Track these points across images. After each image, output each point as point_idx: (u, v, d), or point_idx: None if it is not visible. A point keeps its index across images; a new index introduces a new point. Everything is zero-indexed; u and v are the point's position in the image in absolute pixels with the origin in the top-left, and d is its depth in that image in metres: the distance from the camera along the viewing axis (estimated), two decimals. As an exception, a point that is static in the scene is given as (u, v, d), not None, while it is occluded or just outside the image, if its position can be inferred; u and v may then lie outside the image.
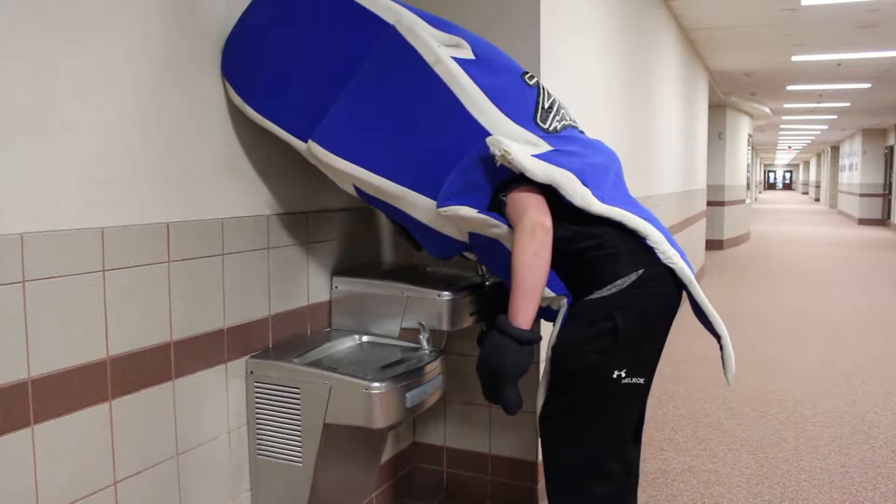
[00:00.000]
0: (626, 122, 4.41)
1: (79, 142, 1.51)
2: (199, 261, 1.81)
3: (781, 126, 18.66)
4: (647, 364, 1.73)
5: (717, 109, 11.83)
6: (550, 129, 1.79)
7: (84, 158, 1.53)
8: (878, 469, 3.23)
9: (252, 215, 2.00)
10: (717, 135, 12.12)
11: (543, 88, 1.88)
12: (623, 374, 1.65)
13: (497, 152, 1.64)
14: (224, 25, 1.89)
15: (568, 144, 1.77)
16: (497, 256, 1.79)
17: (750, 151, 15.15)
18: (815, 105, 13.36)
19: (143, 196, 1.67)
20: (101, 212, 1.56)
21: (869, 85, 10.57)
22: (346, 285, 2.31)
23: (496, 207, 1.72)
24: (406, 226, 1.99)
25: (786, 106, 13.56)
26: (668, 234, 1.74)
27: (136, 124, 1.64)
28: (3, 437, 1.37)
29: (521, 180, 1.67)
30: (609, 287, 1.65)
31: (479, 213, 1.72)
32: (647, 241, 1.68)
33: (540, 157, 1.67)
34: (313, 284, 2.26)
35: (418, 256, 2.79)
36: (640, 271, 1.66)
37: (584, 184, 1.66)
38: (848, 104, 13.19)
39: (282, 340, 2.11)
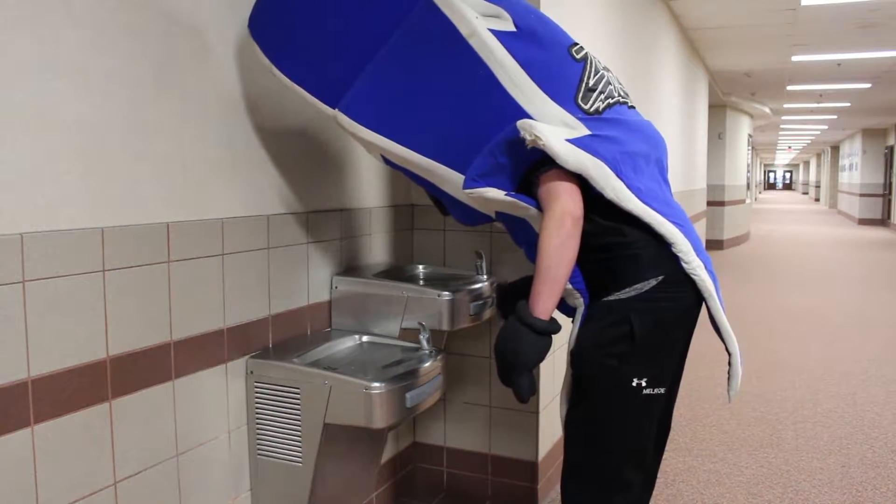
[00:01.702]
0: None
1: (79, 142, 1.51)
2: (199, 261, 1.81)
3: (781, 126, 18.68)
4: (667, 374, 1.68)
5: (717, 109, 11.84)
6: (592, 109, 1.69)
7: (84, 158, 1.52)
8: (878, 469, 3.23)
9: (252, 215, 2.00)
10: (717, 135, 12.14)
11: (592, 62, 1.77)
12: (644, 384, 1.61)
13: (527, 136, 1.57)
14: (226, 25, 1.89)
15: (608, 128, 1.67)
16: (524, 235, 1.75)
17: (750, 151, 15.15)
18: (815, 105, 13.37)
19: (143, 196, 1.67)
20: (101, 212, 1.56)
21: (869, 85, 10.58)
22: (346, 285, 2.31)
23: (526, 188, 1.67)
24: (434, 193, 1.95)
25: (786, 106, 13.57)
26: (697, 241, 1.69)
27: (136, 124, 1.64)
28: (3, 437, 1.37)
29: (553, 162, 1.59)
30: (627, 290, 1.61)
31: (506, 196, 1.66)
32: (673, 249, 1.62)
33: (574, 141, 1.59)
34: (313, 284, 2.26)
35: (418, 257, 2.79)
36: (661, 277, 1.61)
37: (617, 175, 1.60)
38: (848, 104, 13.20)
39: (282, 340, 2.11)
